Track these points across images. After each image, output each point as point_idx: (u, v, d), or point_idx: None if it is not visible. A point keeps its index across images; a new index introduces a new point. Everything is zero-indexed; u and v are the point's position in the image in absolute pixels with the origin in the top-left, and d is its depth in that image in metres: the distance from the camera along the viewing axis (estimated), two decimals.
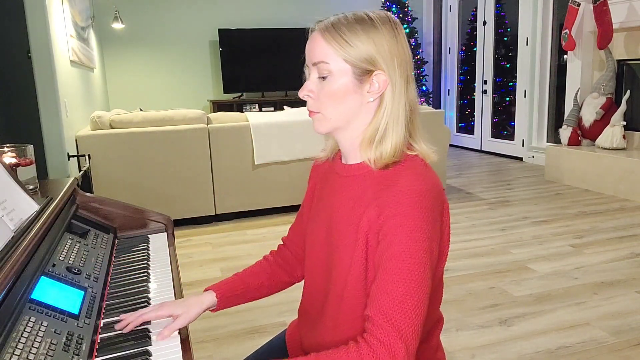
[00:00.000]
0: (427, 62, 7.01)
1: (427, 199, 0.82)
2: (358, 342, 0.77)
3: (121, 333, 0.90)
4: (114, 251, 1.30)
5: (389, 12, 0.90)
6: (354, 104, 0.87)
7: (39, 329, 0.77)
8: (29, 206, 1.06)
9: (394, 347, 0.75)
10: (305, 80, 0.91)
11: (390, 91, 0.86)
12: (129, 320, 0.92)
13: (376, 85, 0.86)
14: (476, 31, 6.52)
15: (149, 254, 1.29)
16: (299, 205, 1.14)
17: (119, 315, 0.96)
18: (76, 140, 3.41)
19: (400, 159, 0.87)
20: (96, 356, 0.83)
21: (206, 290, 1.05)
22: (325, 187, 0.99)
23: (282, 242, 1.19)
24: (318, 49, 0.86)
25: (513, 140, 6.05)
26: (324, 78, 0.87)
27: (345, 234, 0.89)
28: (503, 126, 6.54)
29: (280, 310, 2.28)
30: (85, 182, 3.12)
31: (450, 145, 6.67)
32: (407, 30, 6.70)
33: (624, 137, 4.38)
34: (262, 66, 6.76)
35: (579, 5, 4.64)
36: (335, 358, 0.76)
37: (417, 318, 0.77)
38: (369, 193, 0.87)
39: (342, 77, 0.86)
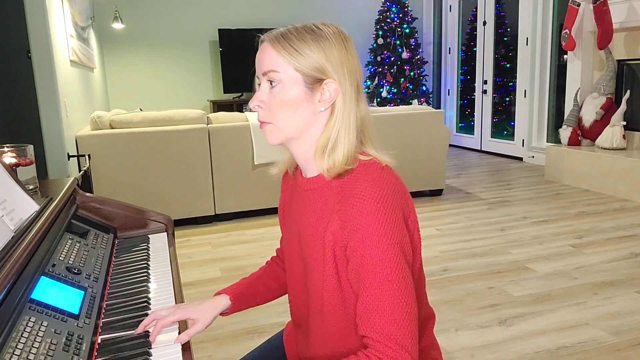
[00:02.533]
0: (427, 62, 7.01)
1: (386, 204, 0.81)
2: (368, 357, 0.77)
3: (121, 333, 0.90)
4: (114, 251, 1.30)
5: (338, 25, 0.90)
6: (306, 114, 0.87)
7: (39, 329, 0.77)
8: (29, 206, 1.06)
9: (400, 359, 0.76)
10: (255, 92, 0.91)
11: (341, 100, 0.87)
12: (145, 325, 0.91)
13: (327, 94, 0.86)
14: (476, 31, 6.52)
15: (149, 254, 1.29)
16: None
17: (119, 315, 0.96)
18: (76, 140, 3.41)
19: (354, 166, 0.86)
20: (96, 356, 0.83)
21: (217, 294, 1.05)
22: (292, 201, 0.99)
23: (275, 254, 1.20)
24: (268, 58, 0.86)
25: (513, 140, 6.05)
26: (273, 86, 0.86)
27: (313, 248, 0.89)
28: (503, 126, 6.54)
29: (279, 310, 2.28)
30: (85, 182, 3.12)
31: (450, 145, 6.67)
32: (407, 31, 6.70)
33: (624, 137, 4.38)
34: None
35: (579, 5, 4.64)
36: None
37: (410, 325, 0.78)
38: (330, 205, 0.86)
39: (293, 86, 0.85)
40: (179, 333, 0.92)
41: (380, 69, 6.77)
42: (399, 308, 0.78)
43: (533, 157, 5.72)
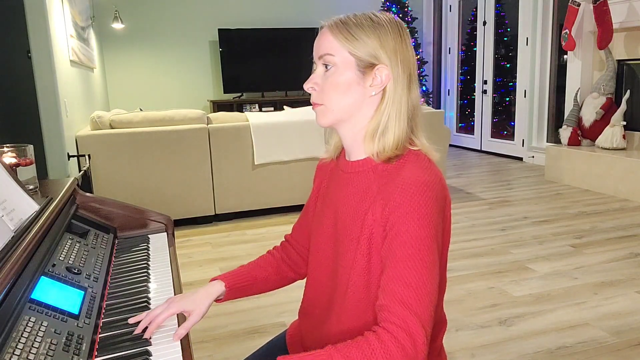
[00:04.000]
0: (427, 62, 7.01)
1: (431, 190, 0.83)
2: (376, 331, 0.77)
3: (121, 333, 0.90)
4: (114, 251, 1.30)
5: (396, 16, 0.93)
6: (357, 97, 0.89)
7: (39, 329, 0.77)
8: (29, 206, 1.06)
9: (413, 330, 0.75)
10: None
11: (392, 86, 0.88)
12: (143, 325, 0.91)
13: (379, 79, 0.88)
14: (476, 31, 6.52)
15: (149, 254, 1.29)
16: (299, 205, 1.15)
17: (118, 315, 0.96)
18: (76, 140, 3.41)
19: (403, 152, 0.89)
20: (96, 356, 0.83)
21: (213, 280, 1.05)
22: (331, 185, 1.00)
23: (285, 240, 1.20)
24: (325, 42, 0.89)
25: (513, 140, 6.05)
26: (328, 69, 0.89)
27: (351, 229, 0.90)
28: (503, 126, 6.54)
29: (280, 310, 2.28)
30: (85, 182, 3.12)
31: (450, 145, 6.67)
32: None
33: (624, 137, 4.38)
34: (262, 66, 6.76)
35: (579, 5, 4.64)
36: (354, 347, 0.75)
37: (431, 303, 0.78)
38: (374, 187, 0.88)
39: (346, 70, 0.88)
40: (178, 325, 0.93)
41: None
42: (423, 284, 0.78)
43: (533, 157, 5.72)
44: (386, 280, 0.80)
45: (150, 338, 0.89)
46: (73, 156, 3.39)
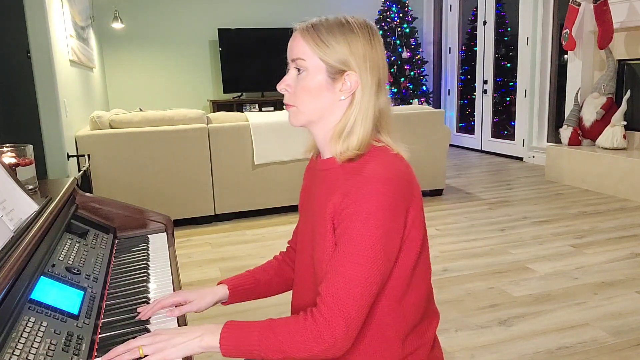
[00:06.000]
0: (427, 62, 7.00)
1: (389, 186, 0.85)
2: (306, 314, 0.83)
3: (121, 333, 0.90)
4: (114, 251, 1.30)
5: (367, 20, 0.95)
6: (327, 101, 0.93)
7: (39, 329, 0.77)
8: (29, 206, 1.06)
9: (334, 324, 0.81)
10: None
11: (360, 91, 0.91)
12: (147, 309, 0.97)
13: (348, 84, 0.91)
14: (476, 31, 6.52)
15: (148, 254, 1.29)
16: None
17: (118, 316, 0.96)
18: (76, 140, 3.41)
19: (366, 151, 0.91)
20: (96, 356, 0.83)
21: (219, 283, 1.10)
22: (311, 183, 1.04)
23: (288, 244, 1.23)
24: (297, 46, 0.92)
25: (513, 140, 6.05)
26: (300, 73, 0.92)
27: (321, 224, 0.92)
28: (503, 126, 6.54)
29: (279, 310, 2.28)
30: (85, 182, 3.12)
31: (451, 145, 6.64)
32: (407, 30, 6.69)
33: (624, 137, 4.38)
34: (262, 66, 6.75)
35: (579, 4, 4.63)
36: (285, 324, 0.83)
37: (362, 299, 0.82)
38: (339, 182, 0.91)
39: (317, 74, 0.91)
40: (178, 325, 0.95)
41: None
42: (358, 280, 0.82)
43: (533, 157, 5.72)
44: (328, 268, 0.86)
45: (149, 323, 0.94)
46: (73, 156, 3.39)
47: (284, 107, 0.98)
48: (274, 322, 0.84)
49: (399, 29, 6.66)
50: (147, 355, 0.80)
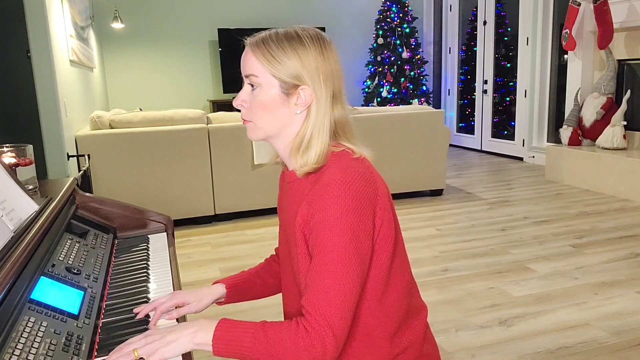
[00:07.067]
0: (427, 62, 7.01)
1: (349, 190, 0.85)
2: (298, 323, 0.83)
3: (121, 333, 0.90)
4: (114, 251, 1.30)
5: (319, 30, 0.95)
6: (283, 115, 0.93)
7: (39, 329, 0.77)
8: (29, 206, 1.06)
9: (322, 334, 0.81)
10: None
11: (315, 105, 0.92)
12: (147, 311, 0.97)
13: (302, 98, 0.91)
14: (476, 31, 6.52)
15: (148, 254, 1.29)
16: None
17: (118, 316, 0.96)
18: (76, 140, 3.41)
19: (324, 164, 0.91)
20: (96, 356, 0.83)
21: (215, 283, 1.11)
22: (283, 195, 1.05)
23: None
24: (249, 63, 0.92)
25: (513, 140, 6.05)
26: (254, 89, 0.93)
27: (293, 234, 0.93)
28: (503, 126, 6.54)
29: (279, 310, 2.27)
30: (85, 182, 3.12)
31: (451, 145, 6.64)
32: (408, 30, 6.69)
33: (624, 137, 4.38)
34: None
35: (579, 4, 4.63)
36: (279, 329, 0.83)
37: (344, 307, 0.83)
38: (304, 193, 0.92)
39: (271, 90, 0.91)
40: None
41: (380, 69, 6.77)
42: (336, 289, 0.82)
43: (533, 157, 5.72)
44: (307, 281, 0.86)
45: (149, 323, 0.95)
46: (72, 156, 3.39)
47: (243, 122, 0.98)
48: (267, 325, 0.85)
49: (399, 29, 6.66)
50: (142, 358, 0.79)
